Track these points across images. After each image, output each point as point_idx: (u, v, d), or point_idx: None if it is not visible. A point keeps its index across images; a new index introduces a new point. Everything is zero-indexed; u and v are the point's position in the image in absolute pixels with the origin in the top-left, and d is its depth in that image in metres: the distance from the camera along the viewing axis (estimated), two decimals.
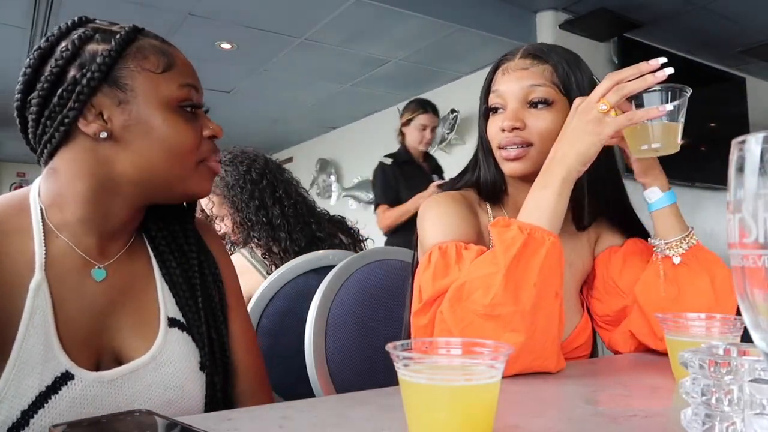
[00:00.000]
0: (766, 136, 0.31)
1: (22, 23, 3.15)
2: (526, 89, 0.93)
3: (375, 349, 1.23)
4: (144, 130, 0.72)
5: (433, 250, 0.88)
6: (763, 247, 0.30)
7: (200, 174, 0.78)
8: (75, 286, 0.72)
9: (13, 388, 0.64)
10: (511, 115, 0.93)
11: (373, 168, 2.95)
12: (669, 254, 0.91)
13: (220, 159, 0.81)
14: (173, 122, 0.74)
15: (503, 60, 1.00)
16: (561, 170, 0.82)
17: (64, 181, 0.73)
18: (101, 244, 0.76)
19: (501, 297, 0.74)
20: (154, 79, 0.73)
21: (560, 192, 0.82)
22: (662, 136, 0.80)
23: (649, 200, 0.92)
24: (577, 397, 0.67)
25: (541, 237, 0.78)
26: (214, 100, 4.60)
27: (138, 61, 0.73)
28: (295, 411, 0.61)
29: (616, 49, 3.41)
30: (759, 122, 4.09)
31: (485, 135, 1.00)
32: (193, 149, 0.75)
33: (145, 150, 0.73)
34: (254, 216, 1.69)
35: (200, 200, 2.29)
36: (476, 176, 1.03)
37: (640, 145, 0.82)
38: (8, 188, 7.02)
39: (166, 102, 0.73)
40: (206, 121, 0.79)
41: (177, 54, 0.77)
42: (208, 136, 0.78)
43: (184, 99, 0.75)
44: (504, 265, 0.75)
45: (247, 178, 1.73)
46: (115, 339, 0.75)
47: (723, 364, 0.48)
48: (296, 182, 1.85)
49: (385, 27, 3.30)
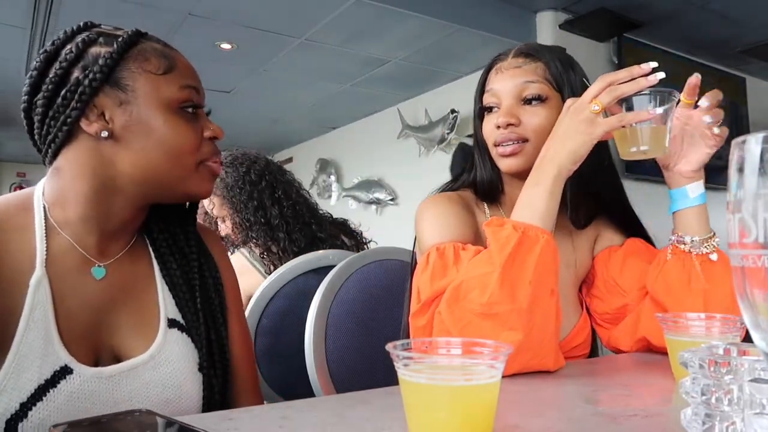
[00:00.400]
0: (766, 136, 0.31)
1: (22, 23, 3.15)
2: (520, 86, 0.94)
3: (375, 349, 1.23)
4: (144, 130, 0.73)
5: (431, 251, 0.88)
6: (763, 247, 0.30)
7: (200, 175, 0.78)
8: (75, 284, 0.74)
9: (13, 381, 0.65)
10: (506, 111, 0.94)
11: (374, 168, 2.96)
12: (704, 251, 0.90)
13: (221, 160, 0.82)
14: (173, 123, 0.75)
15: (496, 60, 1.00)
16: (552, 168, 0.83)
17: (67, 179, 0.74)
18: (102, 243, 0.77)
19: (497, 296, 0.74)
20: (155, 80, 0.74)
21: (552, 190, 0.82)
22: (651, 139, 0.81)
23: (692, 194, 0.91)
24: (577, 397, 0.67)
25: (535, 235, 0.79)
26: (214, 100, 4.59)
27: (139, 62, 0.74)
28: (295, 411, 0.61)
29: (616, 49, 3.41)
30: (759, 122, 4.09)
31: (480, 134, 1.00)
32: (193, 150, 0.76)
33: (146, 150, 0.73)
34: (252, 216, 1.70)
35: (203, 201, 2.32)
36: (473, 176, 1.04)
37: (629, 148, 0.83)
38: (8, 188, 7.01)
39: (166, 103, 0.74)
40: (207, 122, 0.80)
41: (178, 57, 0.78)
42: (208, 137, 0.79)
43: (185, 100, 0.76)
44: (499, 263, 0.76)
45: (246, 179, 1.74)
46: (115, 337, 0.75)
47: (723, 363, 0.48)
48: (298, 184, 1.86)
49: (385, 27, 3.30)
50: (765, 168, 0.31)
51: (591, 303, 1.05)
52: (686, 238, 0.91)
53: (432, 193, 1.03)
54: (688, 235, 0.91)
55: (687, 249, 0.91)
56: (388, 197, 4.88)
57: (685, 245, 0.91)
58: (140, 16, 3.03)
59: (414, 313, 0.86)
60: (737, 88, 4.09)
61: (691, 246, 0.90)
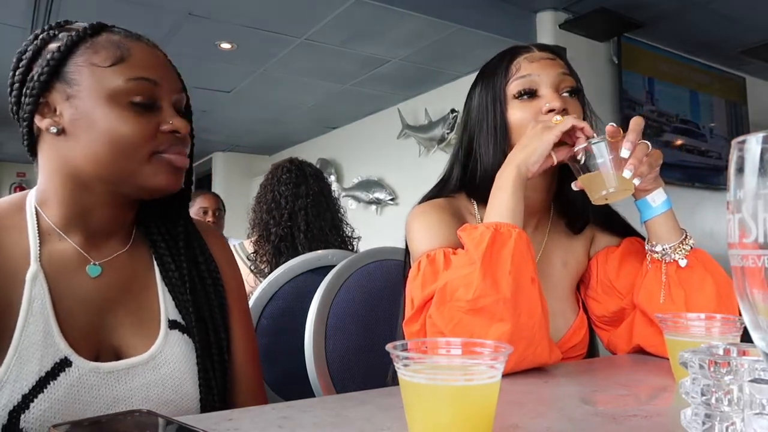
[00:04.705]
0: (766, 136, 0.31)
1: (22, 23, 3.15)
2: (559, 76, 0.95)
3: (375, 349, 1.23)
4: (88, 123, 0.72)
5: (421, 258, 0.89)
6: (763, 247, 0.30)
7: (155, 167, 0.75)
8: (71, 281, 0.74)
9: (15, 373, 0.67)
10: (557, 97, 0.93)
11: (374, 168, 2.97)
12: (675, 258, 0.90)
13: (186, 152, 0.78)
14: (117, 115, 0.72)
15: (521, 50, 0.99)
16: (511, 171, 0.88)
17: (45, 179, 0.76)
18: (94, 242, 0.77)
19: (482, 289, 0.77)
20: (100, 72, 0.73)
21: (513, 191, 0.86)
22: (616, 181, 0.85)
23: (654, 203, 0.91)
24: (577, 398, 0.67)
25: (507, 230, 0.83)
26: (214, 100, 4.61)
27: (87, 56, 0.73)
28: (295, 411, 0.61)
29: (616, 49, 3.41)
30: (759, 122, 4.10)
31: (499, 121, 0.96)
32: (140, 142, 0.73)
33: (91, 143, 0.73)
34: (272, 220, 1.79)
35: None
36: (470, 171, 1.00)
37: (599, 192, 0.86)
38: (8, 188, 7.02)
39: (111, 95, 0.72)
40: (168, 116, 0.76)
41: (136, 48, 0.75)
42: (167, 131, 0.75)
43: (134, 93, 0.73)
44: (478, 259, 0.79)
45: (290, 187, 1.86)
46: (114, 336, 0.76)
47: (723, 364, 0.48)
48: (335, 204, 1.94)
49: (385, 27, 3.30)
50: (765, 168, 0.31)
51: (589, 305, 1.06)
52: (657, 246, 0.92)
53: (421, 201, 1.02)
54: (659, 244, 0.92)
55: (659, 257, 0.92)
56: (388, 197, 4.88)
57: (657, 254, 0.92)
58: (140, 16, 3.04)
59: (407, 320, 0.87)
60: (737, 88, 4.09)
61: (663, 254, 0.91)
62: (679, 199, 0.95)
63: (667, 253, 0.91)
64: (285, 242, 1.83)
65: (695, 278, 0.89)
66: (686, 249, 0.90)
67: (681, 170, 3.56)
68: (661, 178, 0.92)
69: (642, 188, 0.91)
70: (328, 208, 1.91)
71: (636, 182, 0.85)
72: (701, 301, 0.88)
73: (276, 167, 1.99)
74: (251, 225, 1.95)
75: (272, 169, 2.00)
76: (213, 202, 3.08)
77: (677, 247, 0.90)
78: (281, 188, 1.89)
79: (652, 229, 0.93)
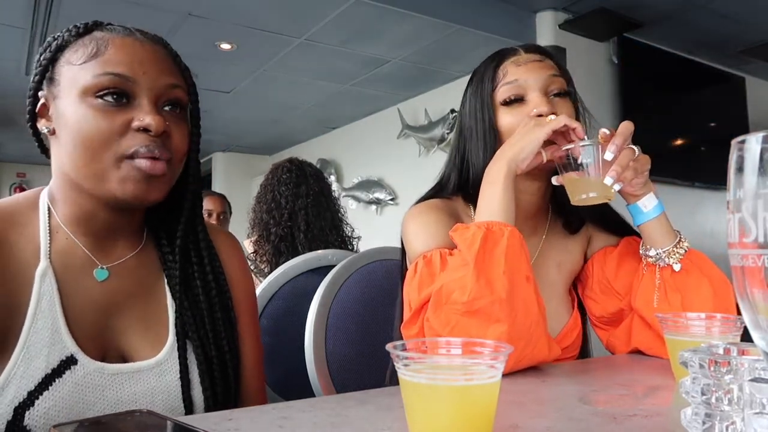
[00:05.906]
0: (766, 136, 0.31)
1: (22, 23, 3.15)
2: (547, 79, 0.94)
3: (375, 349, 1.23)
4: (64, 122, 0.72)
5: (418, 260, 0.89)
6: (763, 247, 0.30)
7: (121, 173, 0.70)
8: (79, 282, 0.74)
9: (22, 369, 0.67)
10: (545, 102, 0.93)
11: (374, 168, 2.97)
12: (669, 263, 0.90)
13: (158, 156, 0.71)
14: (84, 112, 0.69)
15: (507, 54, 0.98)
16: (501, 166, 0.87)
17: (52, 179, 0.77)
18: (101, 244, 0.77)
19: (476, 291, 0.76)
20: (75, 70, 0.72)
21: (505, 186, 0.86)
22: (596, 186, 0.85)
23: (645, 209, 0.90)
24: (577, 397, 0.67)
25: (499, 229, 0.82)
26: (214, 100, 4.60)
27: (68, 55, 0.73)
28: (295, 411, 0.61)
29: (615, 49, 3.41)
30: (759, 122, 4.09)
31: (488, 128, 0.96)
32: (106, 140, 0.69)
33: (67, 143, 0.71)
34: (272, 220, 1.79)
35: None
36: (464, 175, 1.01)
37: (579, 195, 0.87)
38: (8, 188, 7.01)
39: (81, 92, 0.70)
40: (140, 113, 0.70)
41: (117, 43, 0.72)
42: (137, 128, 0.70)
43: (101, 88, 0.70)
44: (471, 260, 0.78)
45: (290, 187, 1.85)
46: (122, 338, 0.76)
47: (723, 363, 0.48)
48: (335, 207, 1.94)
49: (385, 27, 3.30)
50: (765, 168, 0.31)
51: (588, 305, 1.06)
52: (651, 251, 0.92)
53: (417, 202, 1.02)
54: (653, 248, 0.92)
55: (653, 262, 0.92)
56: (388, 197, 4.88)
57: (651, 258, 0.92)
58: (140, 16, 3.03)
59: (405, 323, 0.87)
60: (737, 88, 4.09)
61: (657, 259, 0.91)
62: (679, 199, 0.95)
63: (660, 257, 0.91)
64: (285, 242, 1.83)
65: (691, 281, 0.89)
66: (680, 253, 0.90)
67: (681, 170, 3.56)
68: (651, 182, 0.91)
69: (632, 193, 0.90)
70: (328, 208, 1.91)
71: (617, 187, 0.84)
72: (698, 303, 0.88)
73: (276, 167, 1.99)
74: (251, 225, 1.95)
75: (272, 169, 2.00)
76: (218, 204, 2.95)
77: (671, 252, 0.90)
78: (281, 188, 1.89)
79: (645, 233, 0.92)
